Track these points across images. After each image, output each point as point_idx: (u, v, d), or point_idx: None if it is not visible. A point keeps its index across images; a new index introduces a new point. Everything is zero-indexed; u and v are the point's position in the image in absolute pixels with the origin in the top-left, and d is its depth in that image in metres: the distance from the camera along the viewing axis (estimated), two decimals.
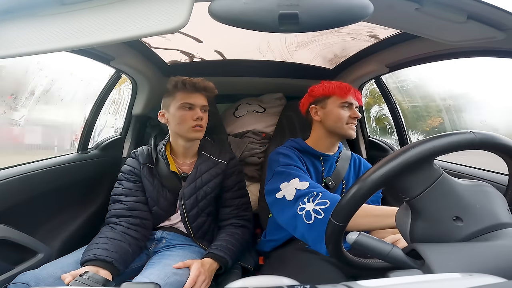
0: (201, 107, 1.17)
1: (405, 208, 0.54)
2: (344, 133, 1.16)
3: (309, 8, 0.53)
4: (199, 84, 1.16)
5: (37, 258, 1.07)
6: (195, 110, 1.15)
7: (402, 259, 0.47)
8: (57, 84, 1.54)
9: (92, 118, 1.49)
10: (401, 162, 0.47)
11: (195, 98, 1.15)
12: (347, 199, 0.50)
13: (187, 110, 1.15)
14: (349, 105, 1.16)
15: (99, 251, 0.93)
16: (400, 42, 1.19)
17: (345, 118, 1.15)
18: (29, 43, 0.50)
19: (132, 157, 1.23)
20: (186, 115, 1.14)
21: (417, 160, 0.46)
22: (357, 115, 1.16)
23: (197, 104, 1.15)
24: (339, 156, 1.23)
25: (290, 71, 1.73)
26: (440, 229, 0.48)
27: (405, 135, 1.61)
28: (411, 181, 0.49)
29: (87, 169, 1.45)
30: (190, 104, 1.15)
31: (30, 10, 0.52)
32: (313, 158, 1.19)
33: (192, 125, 1.14)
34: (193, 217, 1.15)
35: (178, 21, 0.52)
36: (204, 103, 1.18)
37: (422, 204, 0.50)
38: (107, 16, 0.53)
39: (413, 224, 0.51)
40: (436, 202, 0.49)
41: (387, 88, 1.64)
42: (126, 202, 1.13)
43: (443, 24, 0.70)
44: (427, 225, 0.50)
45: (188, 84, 1.14)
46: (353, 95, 1.16)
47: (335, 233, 0.52)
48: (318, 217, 0.87)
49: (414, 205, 0.51)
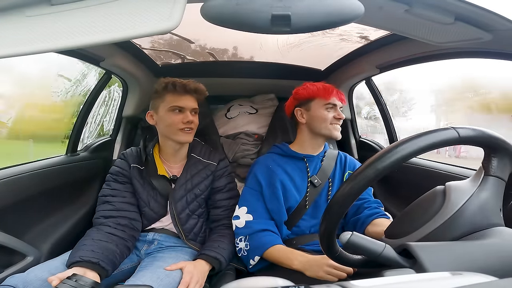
0: (191, 110, 1.15)
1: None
2: (329, 134, 1.18)
3: (301, 9, 0.53)
4: (189, 86, 1.13)
5: (26, 261, 1.05)
6: (185, 113, 1.13)
7: (395, 258, 0.47)
8: None
9: (82, 120, 1.46)
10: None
11: (185, 101, 1.13)
12: (339, 196, 0.50)
13: (176, 113, 1.13)
14: (333, 106, 1.18)
15: (84, 252, 0.92)
16: (390, 43, 1.21)
17: (330, 119, 1.17)
18: (18, 43, 0.49)
19: (121, 158, 1.22)
20: (176, 118, 1.12)
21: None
22: (341, 116, 1.18)
23: (187, 107, 1.13)
24: (324, 155, 1.25)
25: (282, 72, 1.73)
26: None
27: (395, 136, 1.63)
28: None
29: (77, 172, 1.42)
30: (180, 107, 1.13)
31: (18, 10, 0.50)
32: (297, 161, 1.22)
33: (181, 127, 1.12)
34: (184, 219, 1.14)
35: (170, 22, 0.51)
36: (194, 105, 1.16)
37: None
38: (97, 16, 0.52)
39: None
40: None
41: (378, 89, 1.66)
42: (114, 203, 1.11)
43: (431, 26, 0.71)
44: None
45: (178, 86, 1.12)
46: (336, 96, 1.18)
47: (328, 229, 0.52)
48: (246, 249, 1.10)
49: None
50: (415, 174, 1.39)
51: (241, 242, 1.11)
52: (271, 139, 1.68)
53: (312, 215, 1.17)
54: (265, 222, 1.12)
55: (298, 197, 1.16)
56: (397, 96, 2.60)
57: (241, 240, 1.11)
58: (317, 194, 1.18)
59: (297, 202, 1.16)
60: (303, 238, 1.16)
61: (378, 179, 0.47)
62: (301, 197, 1.17)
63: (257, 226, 1.10)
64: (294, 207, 1.16)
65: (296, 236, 1.16)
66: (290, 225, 1.16)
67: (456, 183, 0.53)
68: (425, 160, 1.40)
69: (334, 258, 0.56)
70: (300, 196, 1.17)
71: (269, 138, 1.69)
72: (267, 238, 1.08)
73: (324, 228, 0.52)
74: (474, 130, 0.48)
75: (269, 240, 1.07)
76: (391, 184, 1.54)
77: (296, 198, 1.16)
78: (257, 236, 1.09)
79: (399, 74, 1.84)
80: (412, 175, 1.41)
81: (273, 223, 1.14)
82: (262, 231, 1.10)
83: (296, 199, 1.16)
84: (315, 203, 1.18)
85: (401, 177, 1.46)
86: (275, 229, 1.13)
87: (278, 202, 1.13)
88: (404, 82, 2.52)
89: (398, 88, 2.51)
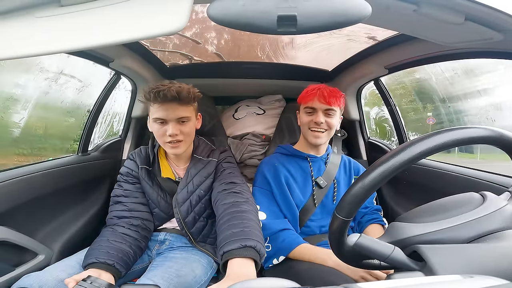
0: (177, 120, 1.03)
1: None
2: (307, 139, 1.19)
3: (308, 10, 0.53)
4: (171, 93, 0.99)
5: (37, 259, 1.07)
6: (169, 124, 1.03)
7: (404, 261, 0.47)
8: None
9: (92, 120, 1.49)
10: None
11: (167, 111, 1.01)
12: (351, 194, 0.50)
13: (160, 124, 1.04)
14: (313, 110, 1.16)
15: (100, 253, 0.92)
16: (399, 44, 1.20)
17: (307, 124, 1.17)
18: (28, 45, 0.50)
19: (130, 159, 1.20)
20: (160, 130, 1.04)
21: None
22: (317, 120, 1.14)
23: (170, 118, 1.02)
24: (327, 157, 1.25)
25: (289, 73, 1.73)
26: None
27: (405, 137, 1.61)
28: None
29: (87, 171, 1.45)
30: (162, 119, 1.03)
31: (27, 11, 0.52)
32: (300, 160, 1.22)
33: (166, 141, 1.05)
34: (191, 223, 1.13)
35: (177, 23, 0.52)
36: (180, 114, 1.03)
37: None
38: (105, 17, 0.53)
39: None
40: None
41: (387, 90, 1.64)
42: (126, 203, 1.11)
43: (440, 26, 0.70)
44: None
45: (154, 94, 0.99)
46: (319, 99, 1.14)
47: (339, 228, 0.52)
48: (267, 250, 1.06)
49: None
50: (424, 175, 1.37)
51: None
52: (278, 140, 1.68)
53: (321, 215, 1.18)
54: (281, 221, 1.12)
55: (302, 197, 1.16)
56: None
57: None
58: (323, 194, 1.19)
59: (302, 202, 1.16)
60: (313, 238, 1.16)
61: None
62: (305, 197, 1.17)
63: (275, 227, 1.10)
64: (300, 207, 1.16)
65: (306, 236, 1.16)
66: (299, 225, 1.17)
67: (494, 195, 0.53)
68: (434, 162, 1.38)
69: (344, 258, 0.56)
70: (304, 196, 1.17)
71: (276, 139, 1.69)
72: (291, 237, 1.08)
73: (335, 227, 0.52)
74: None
75: (293, 240, 1.07)
76: (399, 185, 1.52)
77: (300, 198, 1.16)
78: (279, 237, 1.08)
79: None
80: (421, 176, 1.39)
81: (287, 221, 1.14)
82: (282, 230, 1.09)
83: (300, 199, 1.16)
84: (322, 204, 1.18)
85: (409, 178, 1.44)
86: (291, 227, 1.12)
87: (287, 199, 1.14)
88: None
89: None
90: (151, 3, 0.53)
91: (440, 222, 0.49)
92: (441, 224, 0.49)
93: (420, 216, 0.53)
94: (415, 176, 1.41)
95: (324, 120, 1.15)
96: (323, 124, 1.15)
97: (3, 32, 0.51)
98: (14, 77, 1.94)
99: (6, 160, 2.07)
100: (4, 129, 2.04)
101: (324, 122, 1.15)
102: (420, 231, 0.49)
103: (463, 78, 1.96)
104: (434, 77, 2.50)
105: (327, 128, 1.17)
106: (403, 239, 0.50)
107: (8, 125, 2.01)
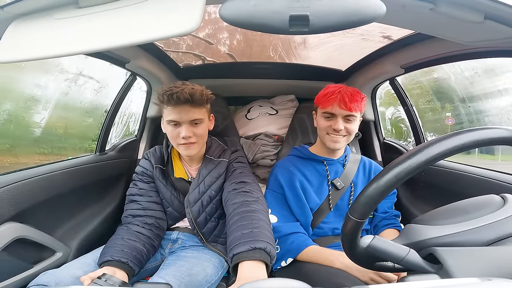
0: (190, 122, 1.05)
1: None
2: (325, 143, 1.16)
3: (320, 9, 0.52)
4: (183, 95, 0.99)
5: (55, 257, 1.09)
6: (182, 126, 1.04)
7: (419, 263, 0.46)
8: None
9: (109, 120, 1.53)
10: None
11: (180, 113, 1.03)
12: (365, 195, 0.49)
13: (173, 126, 1.06)
14: (331, 115, 1.12)
15: (115, 251, 0.94)
16: (416, 42, 1.17)
17: (325, 129, 1.14)
18: (48, 46, 0.52)
19: (145, 158, 1.22)
20: (173, 132, 1.06)
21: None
22: (336, 126, 1.10)
23: (183, 120, 1.04)
24: (345, 159, 1.23)
25: (302, 73, 1.72)
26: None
27: (422, 137, 1.57)
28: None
29: (104, 170, 1.48)
30: (175, 121, 1.04)
31: (47, 13, 0.53)
32: (316, 164, 1.20)
33: (180, 142, 1.06)
34: (202, 223, 1.14)
35: (190, 24, 0.53)
36: (193, 116, 1.04)
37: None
38: (122, 19, 0.54)
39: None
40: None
41: (403, 89, 1.61)
42: (141, 202, 1.14)
43: (459, 25, 0.68)
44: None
45: (167, 97, 1.01)
46: (339, 104, 1.09)
47: (352, 229, 0.51)
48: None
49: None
50: (442, 176, 1.33)
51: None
52: (291, 141, 1.67)
53: (334, 218, 1.16)
54: (291, 225, 1.11)
55: (318, 200, 1.15)
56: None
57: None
58: (339, 197, 1.17)
59: (318, 205, 1.15)
60: (325, 239, 1.14)
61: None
62: (321, 200, 1.16)
63: (285, 230, 1.09)
64: (314, 209, 1.15)
65: (318, 237, 1.15)
66: (312, 226, 1.16)
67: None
68: (453, 163, 1.34)
69: (356, 260, 0.55)
70: (320, 199, 1.16)
71: (289, 139, 1.69)
72: (299, 239, 1.07)
73: (348, 228, 0.51)
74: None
75: (302, 242, 1.06)
76: (415, 186, 1.49)
77: (316, 201, 1.15)
78: (288, 239, 1.08)
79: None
80: (439, 177, 1.35)
81: (299, 225, 1.13)
82: (291, 234, 1.09)
83: (316, 202, 1.15)
84: (337, 206, 1.17)
85: (426, 179, 1.40)
86: (302, 230, 1.12)
87: (301, 203, 1.13)
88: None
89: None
90: (165, 5, 0.54)
91: (459, 224, 0.48)
92: (460, 227, 0.48)
93: (438, 218, 0.52)
94: (433, 178, 1.37)
95: (344, 126, 1.11)
96: (342, 131, 1.11)
97: (25, 34, 0.53)
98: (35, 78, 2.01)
99: (28, 159, 2.16)
100: (25, 129, 2.12)
101: (343, 128, 1.11)
102: (438, 234, 0.48)
103: (483, 78, 1.89)
104: (453, 76, 2.43)
105: (346, 134, 1.13)
106: (419, 241, 0.49)
107: (29, 125, 2.09)
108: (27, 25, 0.54)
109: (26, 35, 0.53)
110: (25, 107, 2.01)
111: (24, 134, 2.13)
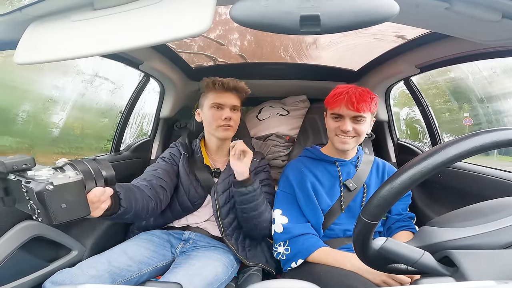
0: (231, 107, 1.21)
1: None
2: (334, 144, 1.15)
3: (331, 9, 0.52)
4: (229, 84, 1.19)
5: (71, 255, 1.11)
6: (224, 109, 1.19)
7: (433, 266, 0.45)
8: None
9: (124, 121, 1.56)
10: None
11: (225, 98, 1.19)
12: (379, 196, 0.48)
13: (216, 109, 1.19)
14: (339, 116, 1.11)
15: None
16: (431, 42, 1.14)
17: (333, 130, 1.13)
18: (65, 47, 0.54)
19: (173, 146, 1.31)
20: (215, 114, 1.19)
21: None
22: (343, 128, 1.08)
23: (226, 104, 1.19)
24: (357, 160, 1.21)
25: (314, 73, 1.71)
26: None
27: (438, 138, 1.53)
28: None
29: (119, 170, 1.51)
30: (219, 104, 1.19)
31: (64, 15, 0.55)
32: (328, 165, 1.19)
33: (220, 124, 1.19)
34: (225, 213, 1.17)
35: (201, 25, 0.53)
36: (234, 102, 1.21)
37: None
38: (135, 20, 0.55)
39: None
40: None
41: (418, 90, 1.57)
42: (156, 170, 1.15)
43: (475, 24, 0.66)
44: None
45: (217, 84, 1.18)
46: (347, 105, 1.07)
47: (364, 231, 0.51)
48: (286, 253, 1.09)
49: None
50: (459, 178, 1.29)
51: (280, 247, 1.10)
52: (302, 141, 1.66)
53: (346, 220, 1.15)
54: (302, 226, 1.10)
55: (329, 202, 1.14)
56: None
57: (280, 245, 1.10)
58: (351, 198, 1.15)
59: (329, 206, 1.14)
60: (336, 241, 1.13)
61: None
62: (332, 201, 1.14)
63: (296, 231, 1.09)
64: (326, 211, 1.14)
65: (329, 239, 1.14)
66: (323, 227, 1.14)
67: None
68: (470, 164, 1.29)
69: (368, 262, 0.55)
70: (332, 200, 1.14)
71: (300, 140, 1.68)
72: (310, 241, 1.07)
73: (360, 230, 0.51)
74: None
75: (312, 243, 1.06)
76: (431, 188, 1.45)
77: (328, 202, 1.14)
78: (298, 240, 1.07)
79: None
80: (455, 179, 1.31)
81: (310, 226, 1.12)
82: (302, 235, 1.08)
83: (328, 203, 1.13)
84: (349, 208, 1.15)
85: (442, 181, 1.37)
86: (313, 231, 1.11)
87: (312, 204, 1.12)
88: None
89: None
90: (177, 6, 0.55)
91: (476, 227, 0.47)
92: (477, 229, 0.46)
93: (454, 220, 0.51)
94: (449, 179, 1.33)
95: (352, 127, 1.09)
96: (351, 132, 1.10)
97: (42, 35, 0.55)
98: (53, 80, 2.07)
99: (46, 159, 2.22)
100: (44, 129, 2.19)
101: (351, 129, 1.09)
102: (453, 236, 0.47)
103: (502, 77, 1.83)
104: (470, 76, 2.36)
105: (355, 135, 1.11)
106: (434, 244, 0.48)
107: (47, 125, 2.15)
108: (44, 26, 0.55)
109: (44, 37, 0.55)
110: (43, 108, 2.07)
111: (42, 134, 2.20)
